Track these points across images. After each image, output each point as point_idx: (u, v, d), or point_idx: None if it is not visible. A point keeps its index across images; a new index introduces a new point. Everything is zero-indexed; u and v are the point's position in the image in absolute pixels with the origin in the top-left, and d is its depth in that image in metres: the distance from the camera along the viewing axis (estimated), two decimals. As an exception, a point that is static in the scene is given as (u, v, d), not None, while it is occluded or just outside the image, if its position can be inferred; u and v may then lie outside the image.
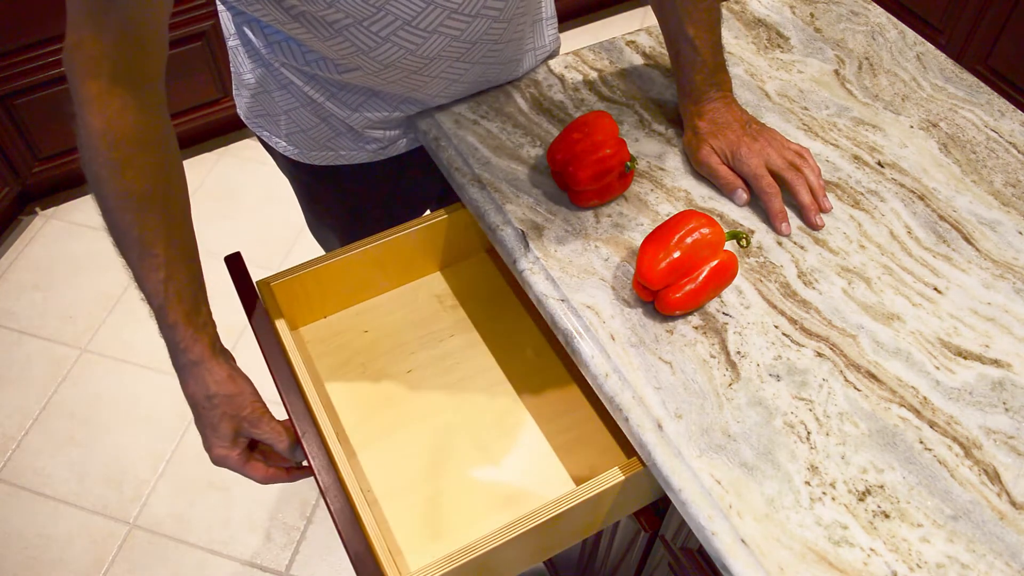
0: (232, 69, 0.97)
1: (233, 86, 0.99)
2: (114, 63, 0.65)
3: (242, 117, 1.01)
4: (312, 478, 0.77)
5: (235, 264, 0.86)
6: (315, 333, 0.92)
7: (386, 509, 0.78)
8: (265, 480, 0.79)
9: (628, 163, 0.82)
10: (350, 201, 1.08)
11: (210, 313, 0.76)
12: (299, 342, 0.91)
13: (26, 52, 1.83)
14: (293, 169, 1.03)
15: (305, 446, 0.74)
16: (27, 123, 1.93)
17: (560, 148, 0.83)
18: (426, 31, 0.79)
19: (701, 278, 0.74)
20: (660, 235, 0.75)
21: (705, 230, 0.74)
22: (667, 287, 0.75)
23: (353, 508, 0.70)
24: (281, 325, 0.82)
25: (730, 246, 0.81)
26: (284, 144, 0.98)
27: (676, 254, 0.73)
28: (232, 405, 0.76)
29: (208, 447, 0.77)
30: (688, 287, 0.74)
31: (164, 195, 0.71)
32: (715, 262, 0.74)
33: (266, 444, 0.78)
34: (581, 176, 0.81)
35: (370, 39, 0.78)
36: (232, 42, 0.93)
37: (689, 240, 0.74)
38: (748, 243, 0.78)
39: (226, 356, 0.77)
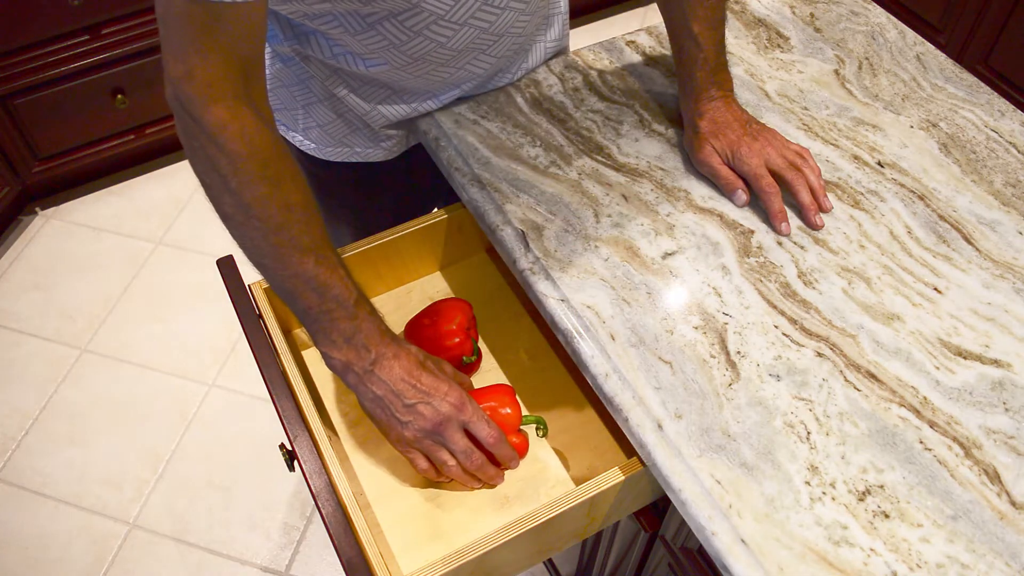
0: None
1: None
2: (232, 84, 0.64)
3: None
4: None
5: (227, 267, 0.86)
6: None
7: (382, 512, 0.78)
8: (495, 440, 0.75)
9: (466, 357, 0.84)
10: (363, 196, 1.08)
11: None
12: (292, 344, 0.90)
13: (26, 52, 1.83)
14: (308, 164, 1.04)
15: (297, 450, 0.73)
16: (27, 123, 1.93)
17: (409, 329, 0.87)
18: (458, 23, 0.80)
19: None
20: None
21: (505, 410, 0.78)
22: None
23: (345, 512, 0.70)
24: (273, 327, 0.82)
25: (531, 430, 0.83)
26: (300, 138, 0.99)
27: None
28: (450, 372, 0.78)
29: (436, 409, 0.73)
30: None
31: (313, 200, 0.71)
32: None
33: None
34: None
35: (403, 33, 0.79)
36: None
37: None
38: (545, 432, 0.82)
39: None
